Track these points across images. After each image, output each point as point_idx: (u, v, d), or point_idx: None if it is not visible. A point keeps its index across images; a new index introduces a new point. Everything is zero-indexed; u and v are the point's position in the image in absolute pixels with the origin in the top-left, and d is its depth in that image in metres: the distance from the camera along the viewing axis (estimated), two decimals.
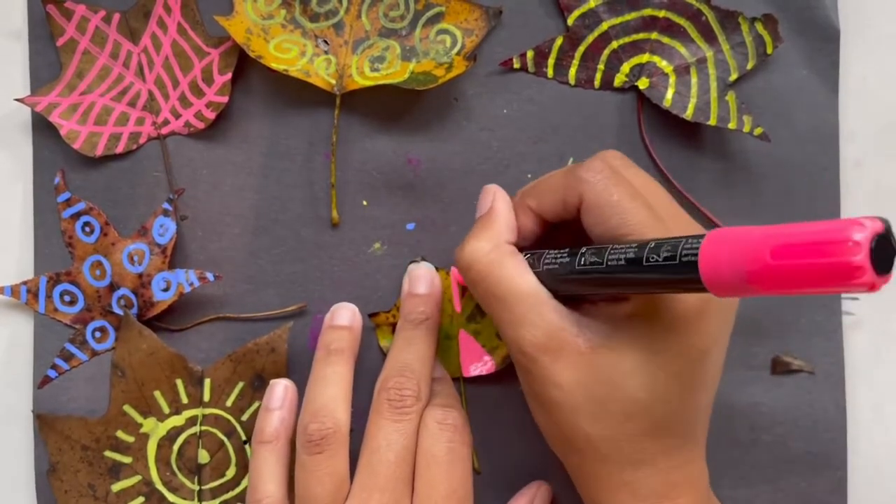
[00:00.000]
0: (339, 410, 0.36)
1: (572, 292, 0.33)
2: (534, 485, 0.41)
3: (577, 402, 0.33)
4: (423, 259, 0.41)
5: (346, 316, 0.40)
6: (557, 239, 0.36)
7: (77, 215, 0.41)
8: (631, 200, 0.32)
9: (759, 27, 0.41)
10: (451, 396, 0.38)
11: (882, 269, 0.23)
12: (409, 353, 0.38)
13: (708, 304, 0.32)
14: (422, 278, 0.40)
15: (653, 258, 0.28)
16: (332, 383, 0.37)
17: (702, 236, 0.27)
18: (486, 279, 0.34)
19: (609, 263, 0.31)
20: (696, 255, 0.27)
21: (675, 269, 0.28)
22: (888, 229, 0.23)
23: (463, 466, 0.36)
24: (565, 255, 0.33)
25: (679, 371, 0.32)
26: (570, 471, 0.36)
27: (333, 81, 0.41)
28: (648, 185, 0.34)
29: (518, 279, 0.34)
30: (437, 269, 0.41)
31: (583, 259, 0.32)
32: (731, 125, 0.41)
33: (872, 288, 0.23)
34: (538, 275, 0.34)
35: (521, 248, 0.36)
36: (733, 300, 0.34)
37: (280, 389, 0.39)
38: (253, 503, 0.37)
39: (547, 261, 0.34)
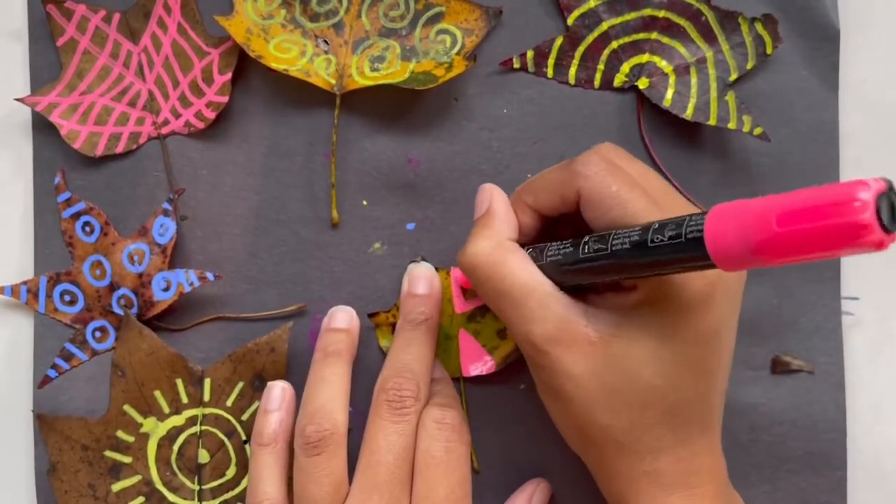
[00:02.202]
0: (337, 412, 0.36)
1: (578, 282, 0.34)
2: (532, 482, 0.41)
3: (591, 394, 0.33)
4: (423, 259, 0.41)
5: (343, 319, 0.40)
6: (557, 233, 0.36)
7: (77, 215, 0.41)
8: (630, 190, 0.32)
9: (759, 27, 0.41)
10: (449, 396, 0.38)
11: (889, 227, 0.23)
12: (409, 354, 0.38)
13: (714, 286, 0.32)
14: (421, 278, 0.40)
15: (657, 239, 0.29)
16: (330, 385, 0.37)
17: (705, 213, 0.27)
18: (491, 278, 0.34)
19: (613, 248, 0.31)
20: (701, 231, 0.27)
21: (681, 248, 0.28)
22: (892, 188, 0.23)
23: (461, 466, 0.36)
24: (568, 245, 0.33)
25: (691, 356, 0.32)
26: (589, 467, 0.36)
27: (333, 81, 0.41)
28: (645, 174, 0.34)
29: (523, 274, 0.34)
30: (437, 269, 0.41)
31: (586, 247, 0.32)
32: (731, 125, 0.41)
33: (881, 246, 0.23)
34: (542, 268, 0.34)
35: (522, 245, 0.36)
36: (739, 281, 0.34)
37: (277, 391, 0.39)
38: None
39: (550, 253, 0.34)
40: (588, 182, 0.33)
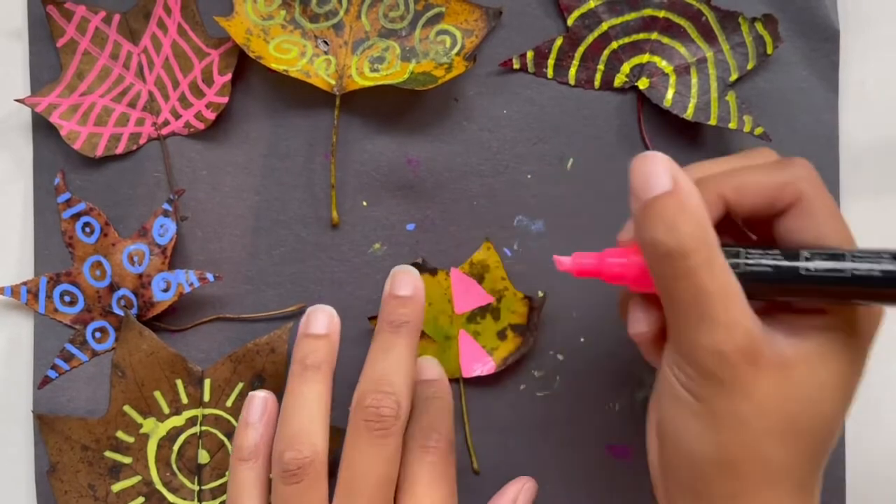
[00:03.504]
0: (317, 435, 0.34)
1: (780, 299, 0.31)
2: (519, 480, 0.40)
3: (767, 419, 0.30)
4: (424, 261, 0.41)
5: (322, 322, 0.37)
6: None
7: (77, 216, 0.41)
8: (840, 215, 0.31)
9: (759, 27, 0.41)
10: (440, 410, 0.36)
11: None
12: (388, 363, 0.35)
13: (878, 322, 0.31)
14: (406, 280, 0.37)
15: None
16: (309, 404, 0.35)
17: None
18: (697, 274, 0.29)
19: (856, 273, 0.29)
20: None
21: None
22: None
23: (447, 485, 0.35)
24: (779, 255, 0.30)
25: (853, 390, 0.31)
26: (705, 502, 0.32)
27: (333, 82, 0.41)
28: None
29: (729, 276, 0.30)
30: (437, 269, 0.41)
31: (811, 264, 0.30)
32: (732, 125, 0.41)
33: None
34: None
35: None
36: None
37: (258, 403, 0.37)
38: None
39: (749, 261, 0.30)
40: (813, 190, 0.31)
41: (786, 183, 0.31)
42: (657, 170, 0.30)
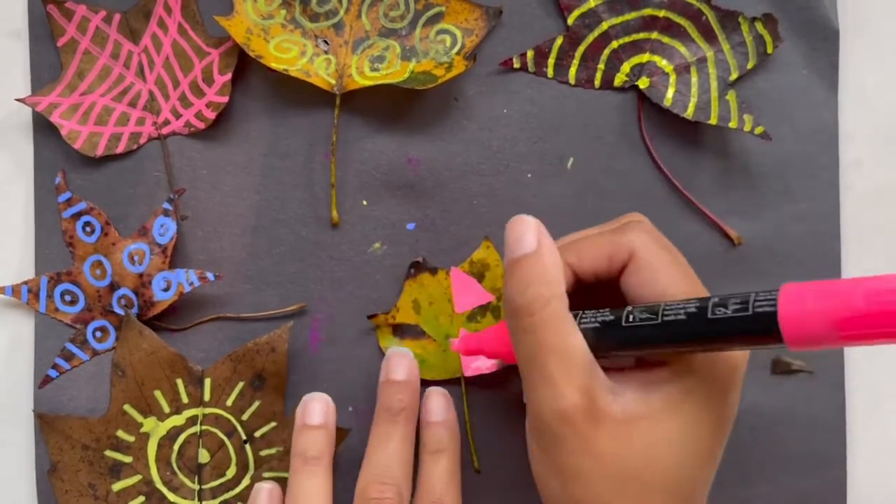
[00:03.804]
0: None
1: (611, 353, 0.32)
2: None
3: (609, 474, 0.31)
4: (423, 261, 0.41)
5: (318, 411, 0.39)
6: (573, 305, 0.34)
7: (78, 215, 0.41)
8: (678, 267, 0.32)
9: (760, 27, 0.41)
10: (444, 473, 0.38)
11: None
12: (388, 454, 0.37)
13: (738, 370, 0.31)
14: (400, 365, 0.39)
15: (719, 311, 0.28)
16: (312, 498, 0.36)
17: (773, 290, 0.27)
18: (541, 329, 0.31)
19: (665, 319, 0.30)
20: (773, 306, 0.26)
21: (747, 322, 0.27)
22: None
23: None
24: (608, 313, 0.32)
25: (709, 441, 0.31)
26: None
27: (333, 81, 0.41)
28: (680, 254, 0.34)
29: (572, 336, 0.31)
30: (437, 269, 0.41)
31: (631, 316, 0.31)
32: (732, 124, 0.41)
33: None
34: None
35: None
36: (744, 366, 0.33)
37: (264, 496, 0.38)
38: None
39: (585, 319, 0.32)
40: (642, 248, 0.32)
41: (617, 245, 0.33)
42: (525, 231, 0.33)
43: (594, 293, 0.34)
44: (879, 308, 0.24)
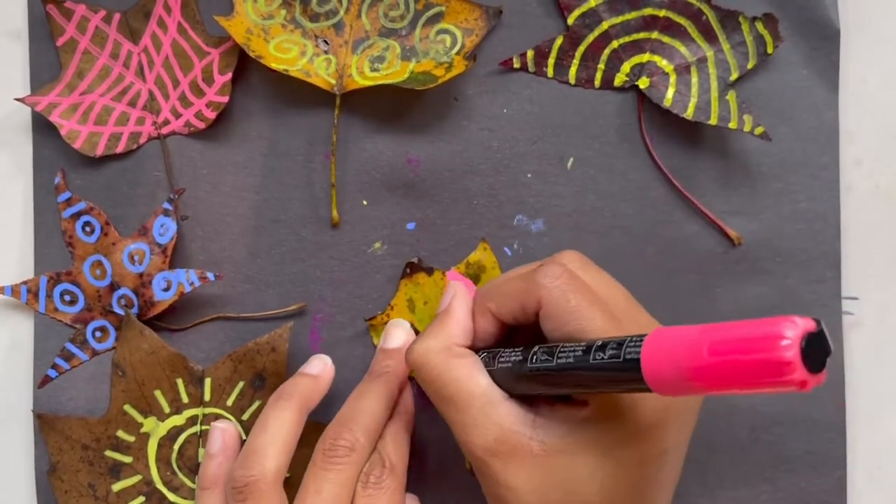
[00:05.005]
0: (269, 458, 0.35)
1: (526, 392, 0.33)
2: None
3: None
4: (420, 260, 0.41)
5: (316, 366, 0.39)
6: (517, 341, 0.35)
7: (77, 215, 0.41)
8: (589, 306, 0.32)
9: (760, 27, 0.41)
10: (394, 435, 0.37)
11: (815, 367, 0.23)
12: (357, 407, 0.37)
13: (667, 411, 0.32)
14: (395, 335, 0.40)
15: (599, 356, 0.28)
16: (270, 428, 0.36)
17: (644, 336, 0.27)
18: (436, 381, 0.34)
19: (559, 361, 0.30)
20: (638, 352, 0.27)
21: (619, 367, 0.28)
22: (820, 329, 0.23)
23: None
24: (518, 353, 0.33)
25: (633, 477, 0.32)
26: None
27: (333, 81, 0.41)
28: (608, 289, 0.34)
29: (468, 381, 0.33)
30: (434, 269, 0.41)
31: (535, 357, 0.32)
32: (732, 124, 0.41)
33: (803, 386, 0.23)
34: (493, 374, 0.34)
35: (478, 349, 0.35)
36: (696, 402, 0.34)
37: (217, 434, 0.38)
38: None
39: (502, 359, 0.33)
40: (549, 294, 0.32)
41: (526, 292, 0.33)
42: (446, 293, 0.37)
43: (538, 332, 0.34)
44: (722, 360, 0.24)
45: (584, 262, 0.35)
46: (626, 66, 0.42)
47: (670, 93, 0.41)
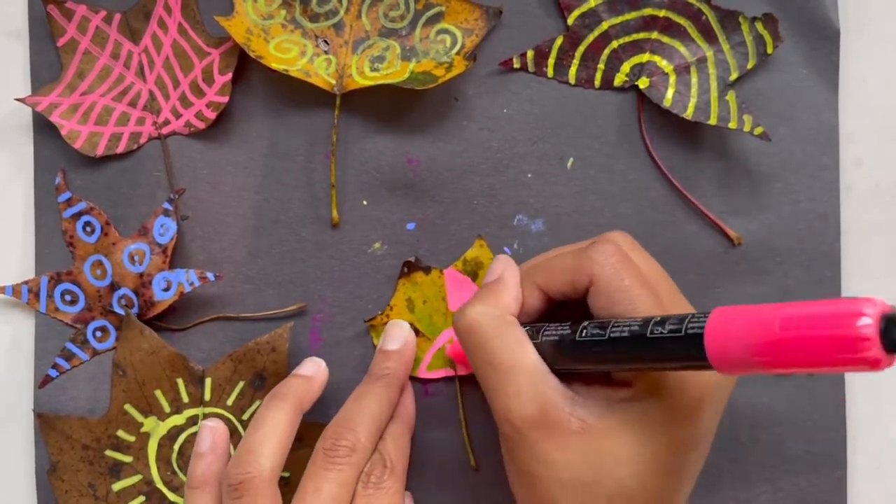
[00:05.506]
0: (264, 457, 0.35)
1: (569, 368, 0.33)
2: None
3: (562, 482, 0.32)
4: (417, 259, 0.41)
5: (310, 368, 0.39)
6: (559, 319, 0.35)
7: (78, 215, 0.41)
8: (640, 287, 0.32)
9: (760, 27, 0.41)
10: (395, 439, 0.38)
11: (891, 348, 0.23)
12: (357, 408, 0.37)
13: (704, 398, 0.32)
14: (395, 336, 0.40)
15: (657, 331, 0.28)
16: (264, 427, 0.36)
17: (708, 312, 0.27)
18: (486, 346, 0.34)
19: (612, 335, 0.30)
20: (702, 328, 0.27)
21: (679, 343, 0.27)
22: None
23: None
24: (566, 327, 0.33)
25: (668, 461, 0.32)
26: None
27: (333, 81, 0.41)
28: (656, 273, 0.34)
29: (518, 350, 0.33)
30: (430, 268, 0.41)
31: (584, 332, 0.32)
32: (732, 125, 0.41)
33: (877, 364, 0.23)
34: (537, 346, 0.34)
35: (522, 323, 0.35)
36: (727, 391, 0.34)
37: (206, 433, 0.38)
38: None
39: (547, 333, 0.33)
40: (602, 271, 0.33)
41: (578, 268, 0.34)
42: (494, 265, 0.37)
43: (578, 312, 0.35)
44: (794, 335, 0.24)
45: (633, 243, 0.35)
46: (625, 67, 0.42)
47: (670, 93, 0.41)
